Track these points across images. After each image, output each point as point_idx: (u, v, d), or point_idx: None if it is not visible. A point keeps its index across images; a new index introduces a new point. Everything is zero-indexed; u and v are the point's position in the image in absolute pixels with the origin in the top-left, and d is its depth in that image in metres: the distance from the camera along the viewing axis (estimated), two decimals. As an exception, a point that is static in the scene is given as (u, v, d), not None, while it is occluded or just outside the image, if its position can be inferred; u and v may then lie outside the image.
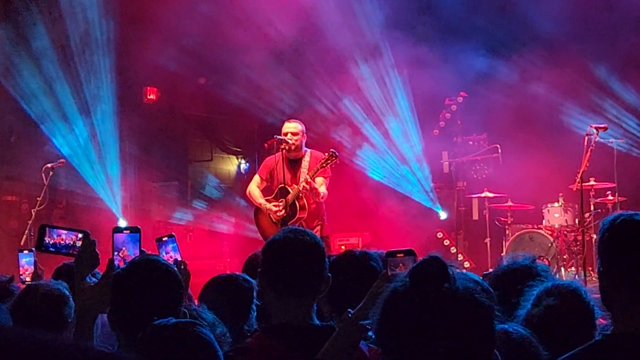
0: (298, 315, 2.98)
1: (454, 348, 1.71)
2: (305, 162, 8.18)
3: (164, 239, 3.83)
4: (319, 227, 8.24)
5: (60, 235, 3.47)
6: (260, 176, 8.53)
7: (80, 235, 3.44)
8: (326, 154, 8.07)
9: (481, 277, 2.40)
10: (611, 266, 2.26)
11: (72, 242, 3.47)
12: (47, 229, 3.48)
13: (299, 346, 2.90)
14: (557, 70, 11.66)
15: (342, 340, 2.83)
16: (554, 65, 11.69)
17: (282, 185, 8.22)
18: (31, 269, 4.59)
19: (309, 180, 7.92)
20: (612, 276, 2.26)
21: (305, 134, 8.35)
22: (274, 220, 8.23)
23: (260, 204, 8.38)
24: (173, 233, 3.90)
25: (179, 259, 3.77)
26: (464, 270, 3.90)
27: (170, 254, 3.79)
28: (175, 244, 3.82)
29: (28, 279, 4.57)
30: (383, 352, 1.80)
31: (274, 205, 8.24)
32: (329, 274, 3.09)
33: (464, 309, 1.74)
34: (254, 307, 3.70)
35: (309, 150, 8.32)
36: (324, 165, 8.00)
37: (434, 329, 1.72)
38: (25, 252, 4.73)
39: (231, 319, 3.34)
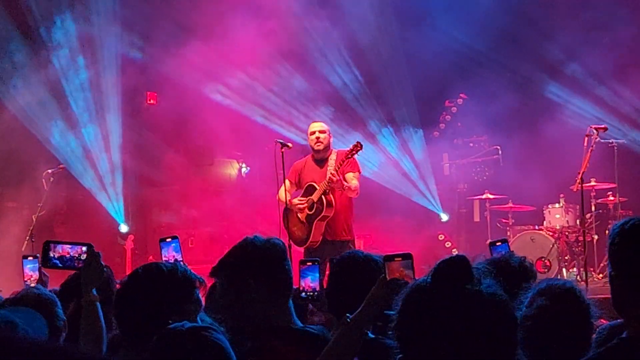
0: (287, 317, 3.07)
1: (470, 349, 1.70)
2: (332, 161, 8.18)
3: (167, 239, 3.85)
4: (345, 228, 8.23)
5: (65, 250, 3.48)
6: (289, 180, 8.51)
7: (84, 248, 3.46)
8: (351, 145, 8.10)
9: None
10: (622, 270, 2.25)
11: (77, 255, 3.48)
12: (51, 244, 3.50)
13: (297, 346, 2.95)
14: (557, 68, 11.68)
15: (341, 345, 2.84)
16: (553, 63, 11.71)
17: (310, 183, 8.23)
18: (36, 275, 4.56)
19: (334, 173, 7.91)
20: (623, 280, 2.25)
21: (331, 134, 8.40)
22: (301, 219, 8.22)
23: (287, 204, 8.37)
24: (177, 235, 3.91)
25: (181, 260, 3.78)
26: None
27: (172, 254, 3.81)
28: (178, 246, 3.84)
29: (33, 285, 4.54)
30: (400, 348, 1.79)
31: (299, 202, 8.27)
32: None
33: (485, 311, 1.73)
34: None
35: (335, 149, 8.33)
36: (350, 156, 8.00)
37: (452, 328, 1.71)
38: (30, 258, 4.68)
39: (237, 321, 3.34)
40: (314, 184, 8.22)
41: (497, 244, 3.97)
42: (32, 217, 10.24)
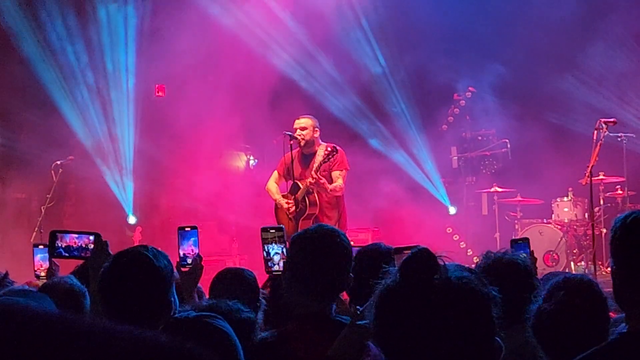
0: (320, 309, 3.07)
1: (451, 340, 1.69)
2: (319, 157, 8.20)
3: (187, 229, 3.84)
4: (333, 224, 8.25)
5: (72, 239, 3.49)
6: (278, 172, 8.61)
7: (92, 238, 3.46)
8: (328, 148, 8.11)
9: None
10: (624, 264, 2.24)
11: (84, 245, 3.49)
12: (57, 234, 3.50)
13: (330, 335, 2.96)
14: (564, 64, 11.65)
15: (351, 338, 2.85)
16: (560, 59, 11.67)
17: (295, 181, 8.27)
18: (46, 264, 4.55)
19: (314, 175, 7.96)
20: (625, 274, 2.24)
21: (317, 129, 8.36)
22: (289, 216, 8.26)
23: (276, 200, 8.44)
24: (196, 225, 3.91)
25: (197, 251, 3.80)
26: (473, 265, 3.94)
27: (191, 248, 3.82)
28: (197, 239, 3.84)
29: (43, 274, 4.53)
30: (382, 350, 1.78)
31: (286, 202, 8.29)
32: (352, 275, 3.18)
33: (457, 299, 1.71)
34: (260, 305, 3.74)
35: (323, 144, 8.33)
36: (325, 161, 8.04)
37: (428, 323, 1.69)
38: (40, 247, 4.67)
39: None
40: (298, 183, 8.25)
41: (519, 242, 4.13)
42: (40, 209, 10.28)
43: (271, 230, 4.14)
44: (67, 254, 3.51)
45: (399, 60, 12.21)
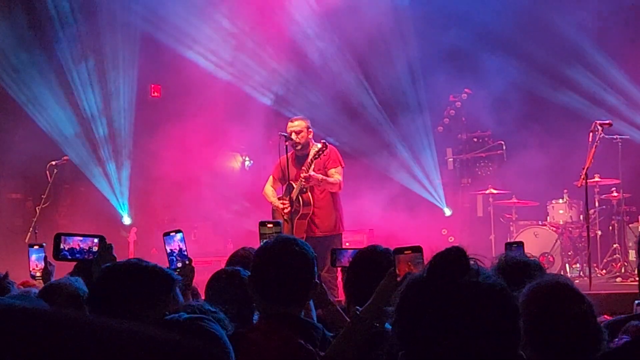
0: (287, 311, 3.10)
1: (473, 343, 1.67)
2: (310, 156, 8.23)
3: (171, 233, 3.83)
4: (329, 224, 8.25)
5: (76, 242, 3.49)
6: (273, 176, 8.63)
7: (96, 240, 3.47)
8: (318, 145, 8.13)
9: None
10: None
11: (87, 248, 3.49)
12: (62, 236, 3.50)
13: (295, 330, 2.99)
14: (562, 65, 11.66)
15: (350, 337, 2.86)
16: (558, 59, 11.69)
17: (290, 182, 8.29)
18: (41, 264, 4.53)
19: (307, 174, 7.99)
20: None
21: (310, 130, 8.38)
22: (285, 217, 8.27)
23: (272, 202, 8.46)
24: (180, 229, 3.89)
25: (186, 254, 3.78)
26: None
27: (177, 245, 3.80)
28: (182, 240, 3.82)
29: (38, 274, 4.52)
30: (401, 345, 1.76)
31: (281, 203, 8.30)
32: (317, 281, 3.21)
33: (484, 302, 1.69)
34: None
35: (317, 144, 8.34)
36: (316, 157, 8.06)
37: (450, 322, 1.67)
38: (36, 247, 4.65)
39: (239, 311, 3.34)
40: (293, 183, 8.28)
41: (514, 246, 4.16)
42: (35, 209, 10.25)
43: (269, 225, 4.21)
44: (70, 257, 3.52)
45: (395, 61, 12.21)
